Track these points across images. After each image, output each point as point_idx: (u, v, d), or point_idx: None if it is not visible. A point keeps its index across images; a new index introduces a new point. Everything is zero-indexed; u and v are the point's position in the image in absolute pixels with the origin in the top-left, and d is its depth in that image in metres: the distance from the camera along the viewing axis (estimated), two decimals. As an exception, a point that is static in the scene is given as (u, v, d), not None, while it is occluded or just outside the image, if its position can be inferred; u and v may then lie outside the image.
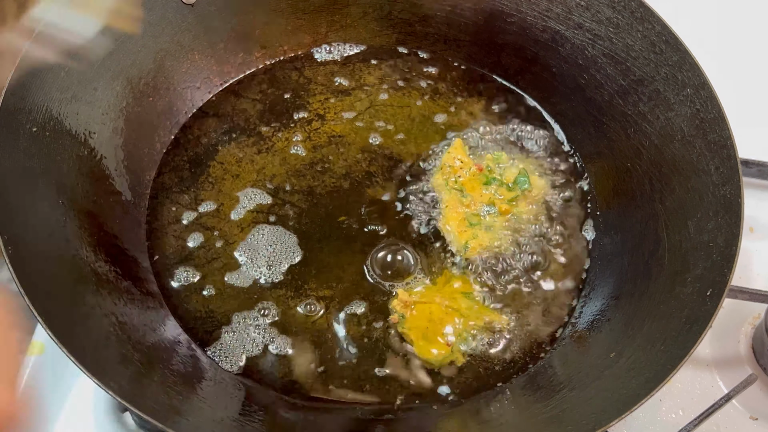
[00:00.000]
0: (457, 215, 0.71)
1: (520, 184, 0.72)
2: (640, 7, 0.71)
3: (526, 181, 0.72)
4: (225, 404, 0.60)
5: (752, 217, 0.79)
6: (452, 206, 0.72)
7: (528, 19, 0.79)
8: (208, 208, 0.72)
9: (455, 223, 0.71)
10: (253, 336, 0.65)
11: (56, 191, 0.62)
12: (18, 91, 0.60)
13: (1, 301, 0.40)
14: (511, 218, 0.71)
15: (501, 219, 0.71)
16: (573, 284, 0.71)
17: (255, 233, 0.70)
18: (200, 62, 0.78)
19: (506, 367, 0.66)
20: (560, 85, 0.79)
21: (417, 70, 0.83)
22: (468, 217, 0.70)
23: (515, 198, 0.72)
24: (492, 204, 0.71)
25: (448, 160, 0.74)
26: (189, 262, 0.69)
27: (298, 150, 0.76)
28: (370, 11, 0.83)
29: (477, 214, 0.70)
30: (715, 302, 0.56)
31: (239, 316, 0.66)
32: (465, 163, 0.74)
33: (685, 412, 0.68)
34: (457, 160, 0.74)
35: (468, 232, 0.70)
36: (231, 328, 0.65)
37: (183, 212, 0.72)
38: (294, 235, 0.70)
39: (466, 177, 0.73)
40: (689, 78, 0.67)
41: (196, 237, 0.70)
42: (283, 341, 0.65)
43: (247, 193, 0.73)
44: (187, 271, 0.68)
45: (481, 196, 0.72)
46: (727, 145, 0.63)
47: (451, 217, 0.71)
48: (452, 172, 0.73)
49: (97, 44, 0.65)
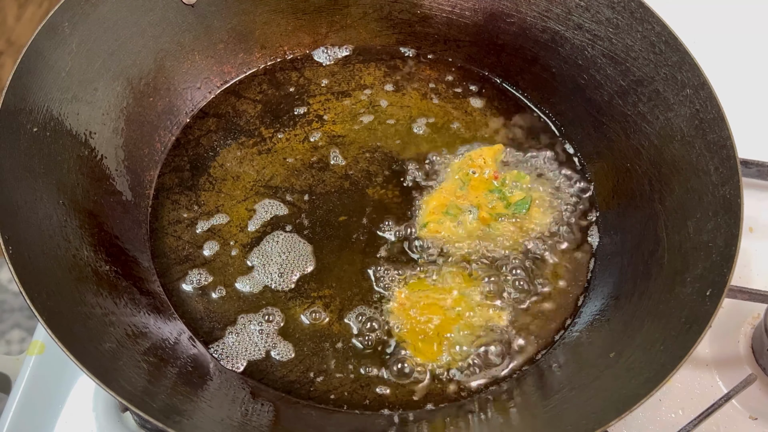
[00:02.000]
0: (443, 199, 0.72)
1: (518, 208, 0.72)
2: (640, 8, 0.71)
3: (525, 209, 0.72)
4: (227, 405, 0.60)
5: (752, 217, 0.80)
6: (444, 190, 0.72)
7: (528, 19, 0.79)
8: (208, 208, 0.72)
9: (435, 203, 0.71)
10: (255, 340, 0.65)
11: (56, 191, 0.62)
12: (18, 91, 0.60)
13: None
14: (485, 229, 0.71)
15: (476, 225, 0.71)
16: (572, 284, 0.71)
17: (254, 233, 0.70)
18: (200, 62, 0.78)
19: (505, 368, 0.66)
20: (560, 86, 0.79)
21: (417, 71, 0.84)
22: (449, 206, 0.70)
23: (504, 216, 0.72)
24: (478, 208, 0.71)
25: (476, 156, 0.75)
26: (189, 262, 0.69)
27: (298, 150, 0.77)
28: (370, 12, 0.84)
29: (459, 208, 0.70)
30: (715, 302, 0.56)
31: (244, 318, 0.66)
32: (487, 164, 0.74)
33: (685, 412, 0.68)
34: (481, 158, 0.74)
35: (437, 216, 0.70)
36: (235, 329, 0.66)
37: (183, 212, 0.72)
38: (295, 234, 0.71)
39: (477, 177, 0.73)
40: (689, 78, 0.67)
41: (196, 237, 0.70)
42: (285, 346, 0.65)
43: (247, 194, 0.73)
44: (187, 272, 0.68)
45: (476, 197, 0.72)
46: (726, 146, 0.63)
47: (436, 197, 0.72)
48: (470, 165, 0.74)
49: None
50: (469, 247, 0.70)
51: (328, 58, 0.84)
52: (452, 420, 0.62)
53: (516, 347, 0.67)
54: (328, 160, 0.76)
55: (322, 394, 0.63)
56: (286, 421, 0.61)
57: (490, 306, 0.68)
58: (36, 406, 0.66)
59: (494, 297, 0.68)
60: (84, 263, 0.60)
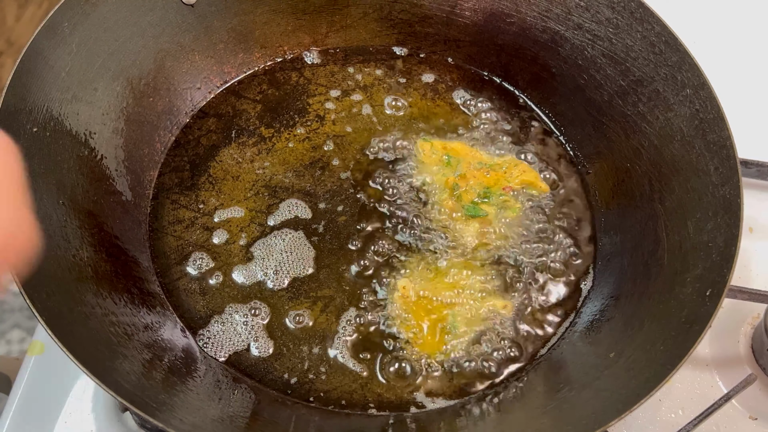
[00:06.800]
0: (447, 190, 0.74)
1: (477, 211, 0.72)
2: (640, 8, 0.71)
3: (481, 214, 0.72)
4: (227, 404, 0.60)
5: (752, 217, 0.80)
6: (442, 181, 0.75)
7: (528, 19, 0.79)
8: (208, 207, 0.72)
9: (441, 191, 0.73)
10: (240, 330, 0.65)
11: (56, 191, 0.62)
12: (18, 91, 0.60)
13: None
14: (487, 228, 0.71)
15: (479, 221, 0.72)
16: (572, 284, 0.71)
17: (252, 232, 0.71)
18: (200, 62, 0.78)
19: (506, 367, 0.66)
20: (560, 86, 0.79)
21: (417, 71, 0.84)
22: (453, 186, 0.73)
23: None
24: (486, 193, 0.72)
25: (515, 170, 0.75)
26: (189, 262, 0.69)
27: (298, 150, 0.77)
28: (370, 12, 0.84)
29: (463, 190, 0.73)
30: (715, 302, 0.56)
31: (238, 312, 0.66)
32: (513, 179, 0.74)
33: (685, 412, 0.68)
34: (517, 174, 0.74)
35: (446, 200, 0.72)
36: (237, 330, 0.66)
37: (183, 212, 0.72)
38: (293, 232, 0.71)
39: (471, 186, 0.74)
40: (689, 78, 0.67)
41: (195, 237, 0.70)
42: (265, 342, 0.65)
43: (247, 194, 0.73)
44: (187, 272, 0.68)
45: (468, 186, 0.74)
46: (726, 146, 0.63)
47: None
48: (469, 176, 0.74)
49: None
50: (472, 244, 0.70)
51: (327, 58, 0.84)
52: (450, 419, 0.62)
53: (516, 347, 0.67)
54: (328, 159, 0.76)
55: (321, 393, 0.63)
56: (267, 414, 0.61)
57: (491, 305, 0.68)
58: (36, 406, 0.66)
59: (495, 296, 0.68)
60: (84, 263, 0.60)
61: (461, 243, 0.71)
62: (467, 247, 0.70)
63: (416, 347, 0.65)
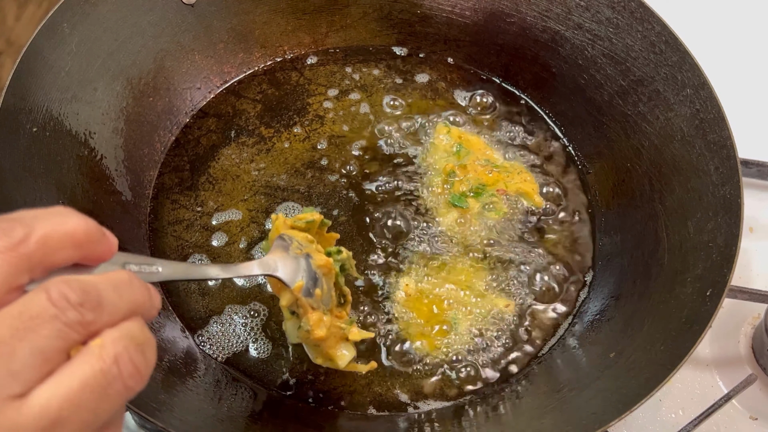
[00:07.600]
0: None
1: (460, 201, 0.72)
2: (640, 8, 0.71)
3: (464, 205, 0.72)
4: (226, 404, 0.60)
5: (752, 217, 0.79)
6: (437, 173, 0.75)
7: (528, 19, 0.79)
8: (208, 208, 0.72)
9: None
10: (239, 332, 0.65)
11: (56, 191, 0.62)
12: (18, 91, 0.60)
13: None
14: (490, 226, 0.71)
15: (480, 220, 0.72)
16: (572, 285, 0.70)
17: (252, 233, 0.70)
18: (200, 62, 0.78)
19: (506, 367, 0.66)
20: (560, 86, 0.79)
21: (417, 71, 0.84)
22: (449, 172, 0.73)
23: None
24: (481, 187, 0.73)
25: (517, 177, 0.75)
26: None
27: (298, 150, 0.76)
28: (370, 11, 0.84)
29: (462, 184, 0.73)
30: (715, 302, 0.56)
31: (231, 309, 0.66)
32: (482, 173, 0.74)
33: (685, 412, 0.68)
34: (491, 173, 0.74)
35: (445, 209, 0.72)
36: (236, 331, 0.66)
37: (183, 212, 0.72)
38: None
39: (468, 178, 0.74)
40: (689, 78, 0.67)
41: (195, 238, 0.70)
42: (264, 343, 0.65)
43: (247, 194, 0.73)
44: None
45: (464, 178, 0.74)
46: (726, 145, 0.63)
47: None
48: (468, 170, 0.74)
49: None
50: (474, 243, 0.70)
51: (327, 58, 0.84)
52: (450, 419, 0.62)
53: (516, 348, 0.66)
54: (328, 159, 0.76)
55: (321, 393, 0.63)
56: (266, 414, 0.61)
57: (492, 304, 0.68)
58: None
59: (497, 296, 0.68)
60: (84, 263, 0.60)
61: (465, 241, 0.70)
62: (469, 245, 0.70)
63: (416, 347, 0.65)
